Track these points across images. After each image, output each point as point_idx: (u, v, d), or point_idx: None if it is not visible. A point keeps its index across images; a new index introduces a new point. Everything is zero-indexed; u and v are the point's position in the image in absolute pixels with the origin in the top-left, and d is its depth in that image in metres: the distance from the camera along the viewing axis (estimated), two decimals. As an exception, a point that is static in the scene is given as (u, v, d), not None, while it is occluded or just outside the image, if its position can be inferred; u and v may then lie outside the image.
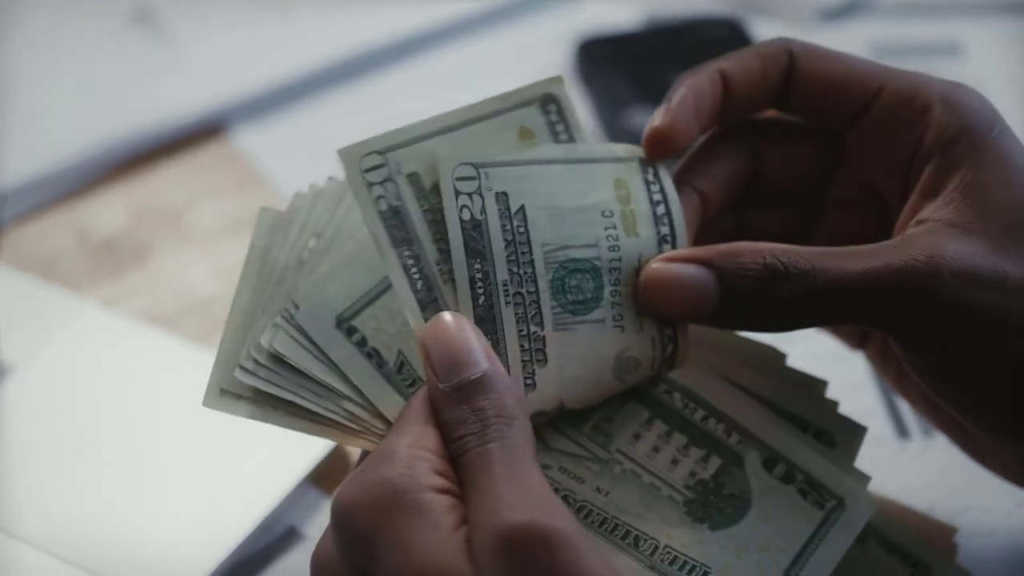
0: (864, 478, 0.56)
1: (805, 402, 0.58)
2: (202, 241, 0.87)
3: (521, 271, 0.54)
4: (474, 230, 0.54)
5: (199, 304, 0.83)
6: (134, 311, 0.81)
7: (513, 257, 0.54)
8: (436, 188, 0.54)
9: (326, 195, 0.59)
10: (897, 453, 0.72)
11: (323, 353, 0.55)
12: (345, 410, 0.54)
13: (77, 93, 0.95)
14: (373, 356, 0.55)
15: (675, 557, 0.54)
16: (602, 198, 0.56)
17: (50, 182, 0.89)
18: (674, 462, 0.56)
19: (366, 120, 0.94)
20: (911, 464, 0.71)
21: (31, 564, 0.67)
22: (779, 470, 0.56)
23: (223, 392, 0.55)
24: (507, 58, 1.00)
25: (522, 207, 0.54)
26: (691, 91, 0.59)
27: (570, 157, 0.56)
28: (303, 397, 0.54)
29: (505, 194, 0.54)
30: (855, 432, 0.58)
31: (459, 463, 0.51)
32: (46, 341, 0.77)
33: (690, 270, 0.55)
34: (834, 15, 1.03)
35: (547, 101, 0.57)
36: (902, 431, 0.73)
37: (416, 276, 0.54)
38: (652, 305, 0.56)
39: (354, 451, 0.72)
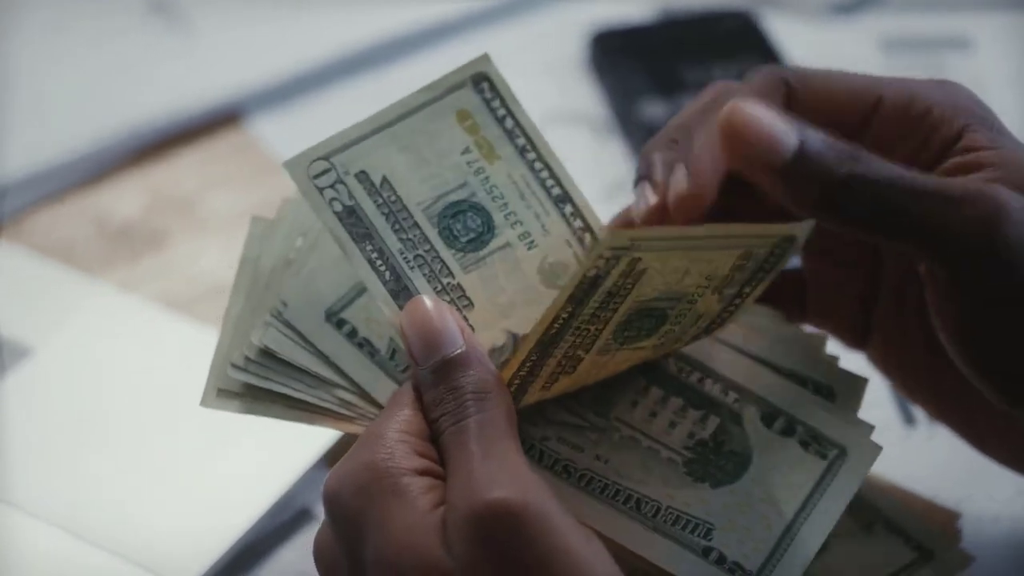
0: (867, 427, 0.56)
1: (804, 358, 0.58)
2: (216, 228, 0.88)
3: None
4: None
5: (212, 290, 0.83)
6: (149, 296, 0.82)
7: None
8: (387, 181, 0.55)
9: None
10: (903, 440, 0.73)
11: (313, 346, 0.56)
12: (339, 398, 0.55)
13: (95, 81, 0.95)
14: (364, 345, 0.56)
15: (678, 517, 0.54)
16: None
17: (68, 169, 0.90)
18: (672, 424, 0.56)
19: (381, 110, 0.95)
20: (916, 451, 0.72)
21: (47, 542, 0.67)
22: (779, 424, 0.56)
23: (220, 391, 0.56)
24: (520, 50, 1.00)
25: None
26: (705, 146, 0.58)
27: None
28: (296, 389, 0.55)
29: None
30: (856, 384, 0.58)
31: (439, 443, 0.52)
32: (64, 324, 0.78)
33: (775, 117, 0.54)
34: (845, 9, 1.03)
35: (479, 80, 0.57)
36: (908, 418, 0.74)
37: (382, 268, 0.55)
38: (726, 141, 0.55)
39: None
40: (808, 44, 0.99)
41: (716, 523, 0.54)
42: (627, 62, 0.97)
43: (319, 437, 0.71)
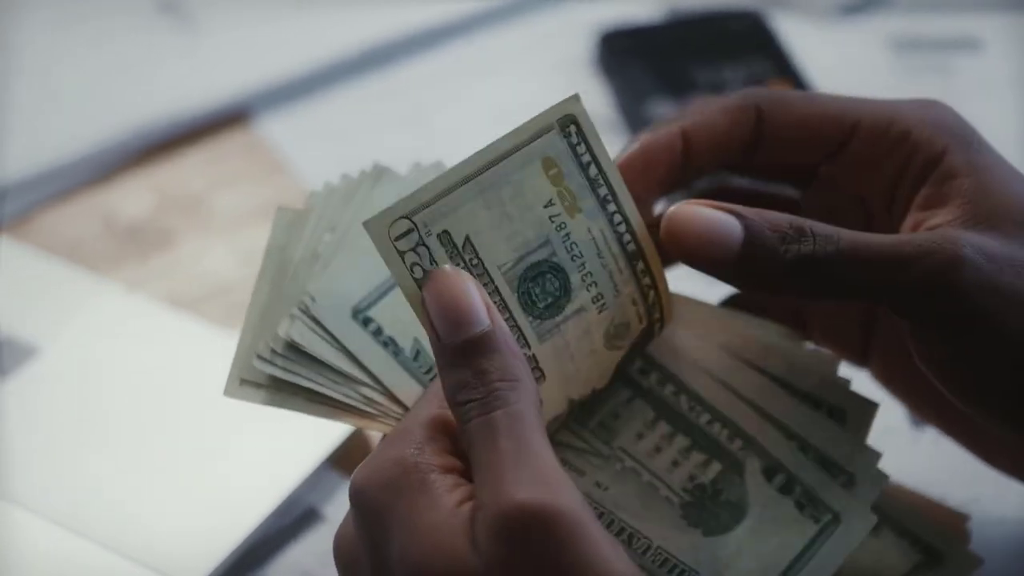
0: (874, 455, 0.56)
1: (817, 379, 0.58)
2: (224, 227, 0.88)
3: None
4: None
5: (220, 289, 0.83)
6: (156, 295, 0.82)
7: None
8: (469, 242, 0.53)
9: (340, 191, 0.59)
10: (911, 442, 0.72)
11: (339, 343, 0.55)
12: (363, 395, 0.55)
13: (104, 80, 0.95)
14: (389, 344, 0.56)
15: (666, 559, 0.54)
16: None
17: (76, 168, 0.90)
18: (675, 464, 0.56)
19: (388, 110, 0.95)
20: (925, 453, 0.71)
21: (53, 542, 0.67)
22: (778, 480, 0.56)
23: (243, 381, 0.56)
24: (528, 50, 1.00)
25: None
26: (643, 149, 0.59)
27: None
28: (321, 384, 0.55)
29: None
30: (867, 408, 0.58)
31: (464, 430, 0.50)
32: (69, 323, 0.78)
33: (716, 213, 0.54)
34: (854, 9, 1.03)
35: (566, 124, 0.54)
36: (916, 420, 0.73)
37: None
38: (672, 244, 0.55)
39: (374, 434, 0.72)
40: (816, 44, 0.99)
41: (702, 573, 0.54)
42: (635, 62, 0.97)
43: (326, 438, 0.71)
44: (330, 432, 0.71)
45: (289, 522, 0.70)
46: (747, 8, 1.01)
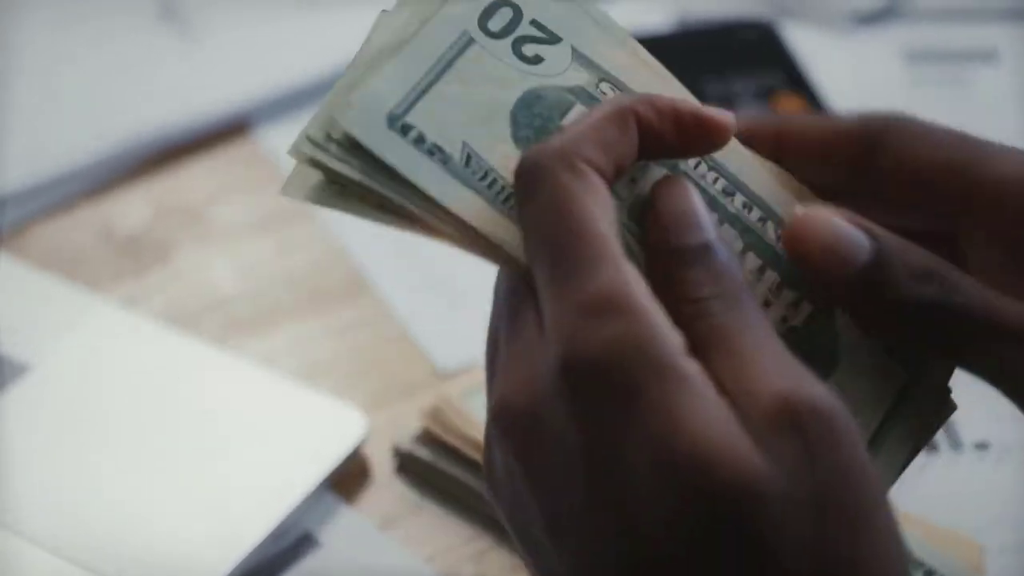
0: None
1: None
2: (224, 239, 0.87)
3: None
4: None
5: (220, 302, 0.82)
6: (155, 309, 0.81)
7: None
8: None
9: None
10: (923, 467, 0.71)
11: (377, 157, 0.49)
12: (418, 205, 0.49)
13: (102, 89, 0.94)
14: (435, 153, 0.50)
15: None
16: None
17: (73, 179, 0.89)
18: (767, 303, 0.52)
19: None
20: (938, 479, 0.70)
21: (41, 566, 0.67)
22: None
23: (302, 150, 0.50)
24: (536, 59, 1.00)
25: None
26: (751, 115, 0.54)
27: None
28: (376, 184, 0.49)
29: None
30: None
31: (702, 325, 0.46)
32: (64, 340, 0.77)
33: (846, 226, 0.50)
34: (869, 19, 1.02)
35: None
36: (929, 444, 0.72)
37: None
38: (793, 247, 0.51)
39: (372, 456, 0.72)
40: (829, 55, 0.98)
41: None
42: (644, 72, 0.96)
43: (323, 460, 0.71)
44: (327, 455, 0.71)
45: (284, 547, 0.69)
46: (758, 19, 1.00)
